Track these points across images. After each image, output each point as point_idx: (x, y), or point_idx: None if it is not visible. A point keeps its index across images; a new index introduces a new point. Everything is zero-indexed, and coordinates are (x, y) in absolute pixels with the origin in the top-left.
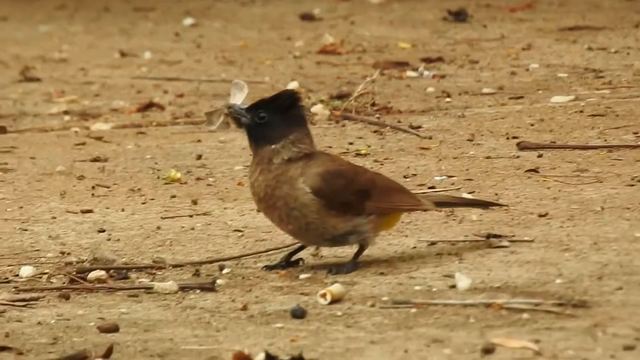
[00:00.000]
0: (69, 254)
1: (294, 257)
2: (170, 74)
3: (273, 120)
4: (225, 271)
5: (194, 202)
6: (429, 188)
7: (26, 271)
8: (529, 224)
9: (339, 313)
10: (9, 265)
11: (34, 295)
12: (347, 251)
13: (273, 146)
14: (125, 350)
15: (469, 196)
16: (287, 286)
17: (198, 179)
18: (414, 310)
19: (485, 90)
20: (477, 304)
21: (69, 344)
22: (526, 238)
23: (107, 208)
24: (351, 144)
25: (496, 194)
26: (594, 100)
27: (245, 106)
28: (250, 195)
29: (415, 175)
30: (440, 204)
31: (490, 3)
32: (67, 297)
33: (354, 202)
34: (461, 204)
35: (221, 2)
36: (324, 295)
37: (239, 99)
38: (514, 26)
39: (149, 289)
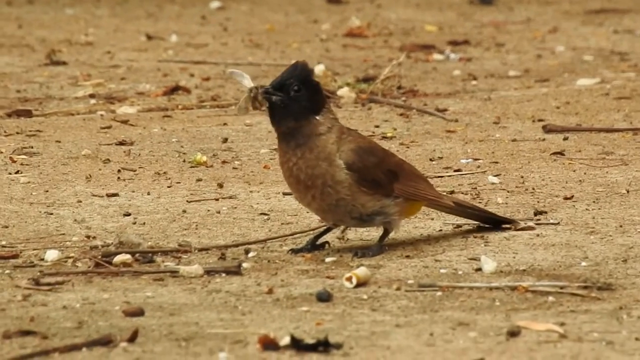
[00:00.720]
0: (94, 237)
1: (320, 240)
2: (196, 57)
3: (306, 92)
4: (250, 255)
5: (220, 186)
6: (455, 171)
7: (51, 255)
8: (554, 206)
9: (365, 296)
10: (34, 249)
11: (59, 279)
12: (372, 234)
13: (317, 117)
14: (151, 334)
15: (490, 210)
16: (312, 269)
17: (224, 162)
18: (439, 293)
19: (511, 73)
20: (502, 287)
21: (94, 328)
22: (552, 221)
23: (133, 191)
24: (377, 127)
25: (522, 177)
26: (620, 83)
27: (268, 86)
28: (280, 178)
29: (441, 158)
30: (459, 204)
31: None
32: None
33: (384, 181)
34: (477, 214)
35: None
36: (349, 279)
37: (249, 83)
38: (540, 9)
39: (174, 273)
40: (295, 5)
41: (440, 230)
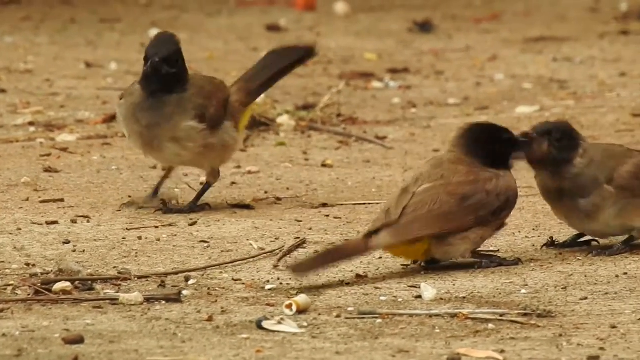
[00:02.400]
0: (34, 265)
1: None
2: None
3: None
4: (190, 282)
5: (165, 207)
6: None
7: None
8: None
9: (305, 324)
10: None
11: None
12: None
13: None
14: None
15: None
16: (252, 297)
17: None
18: (379, 320)
19: (450, 100)
20: (442, 315)
21: (33, 356)
22: (492, 248)
23: (72, 220)
24: (305, 154)
25: None
26: (559, 110)
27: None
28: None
29: (380, 187)
30: None
31: (456, 14)
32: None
33: None
34: None
35: (187, 13)
36: (289, 306)
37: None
38: (479, 37)
39: (114, 300)
40: (235, 32)
41: (380, 257)
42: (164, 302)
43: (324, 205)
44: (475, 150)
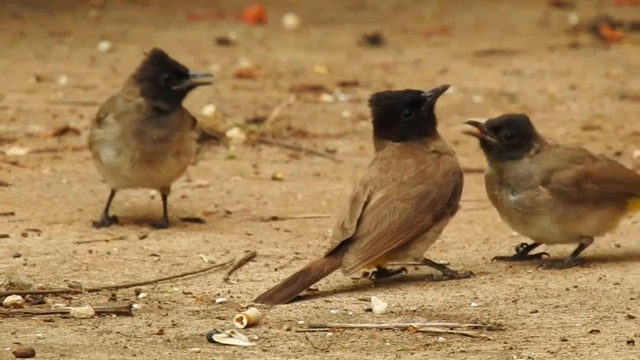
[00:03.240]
0: None
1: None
2: (86, 98)
3: None
4: (141, 295)
5: (111, 224)
6: None
7: None
8: (444, 247)
9: (255, 337)
10: None
11: None
12: None
13: None
14: None
15: None
16: (203, 310)
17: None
18: (330, 333)
19: None
20: (393, 328)
21: None
22: (442, 261)
23: (23, 233)
24: (255, 168)
25: None
26: None
27: None
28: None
29: (330, 200)
30: None
31: (406, 27)
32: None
33: None
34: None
35: (137, 26)
36: (240, 320)
37: None
38: (429, 50)
39: (65, 314)
40: (184, 46)
41: None
42: (114, 315)
43: (274, 218)
44: (398, 133)
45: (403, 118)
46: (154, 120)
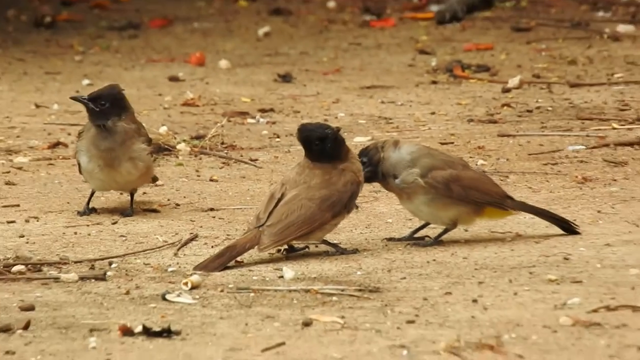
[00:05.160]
0: None
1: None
2: (72, 120)
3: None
4: (113, 266)
5: (91, 213)
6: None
7: None
8: (337, 231)
9: (197, 296)
10: None
11: None
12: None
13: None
14: (40, 324)
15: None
16: (158, 277)
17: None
18: (252, 294)
19: None
20: (299, 290)
21: None
22: (335, 241)
23: (26, 220)
24: (198, 172)
25: None
26: (386, 139)
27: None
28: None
29: (253, 195)
30: None
31: (309, 68)
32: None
33: None
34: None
35: (110, 67)
36: (186, 284)
37: None
38: (327, 85)
39: (57, 279)
40: (145, 82)
41: None
42: (93, 280)
43: (212, 209)
44: (313, 156)
45: (314, 148)
46: (100, 135)
